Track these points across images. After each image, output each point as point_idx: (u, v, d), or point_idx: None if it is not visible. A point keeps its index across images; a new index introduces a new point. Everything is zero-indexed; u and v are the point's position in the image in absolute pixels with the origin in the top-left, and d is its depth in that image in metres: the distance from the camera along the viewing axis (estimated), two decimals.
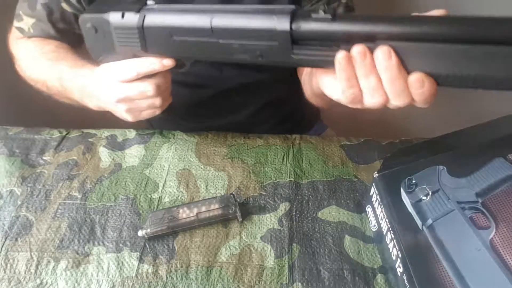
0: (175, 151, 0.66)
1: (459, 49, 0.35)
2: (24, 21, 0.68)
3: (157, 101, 0.56)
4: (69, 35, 0.70)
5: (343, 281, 0.50)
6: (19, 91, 0.81)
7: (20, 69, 0.69)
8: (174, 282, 0.50)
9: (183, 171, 0.63)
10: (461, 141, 0.54)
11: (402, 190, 0.48)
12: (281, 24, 0.41)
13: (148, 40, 0.49)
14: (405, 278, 0.44)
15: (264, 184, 0.61)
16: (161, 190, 0.60)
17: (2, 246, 0.53)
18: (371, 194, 0.53)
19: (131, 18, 0.49)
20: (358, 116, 0.74)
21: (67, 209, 0.57)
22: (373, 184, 0.51)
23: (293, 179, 0.61)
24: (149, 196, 0.59)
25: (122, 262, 0.51)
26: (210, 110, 0.81)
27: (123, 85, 0.55)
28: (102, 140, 0.68)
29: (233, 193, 0.59)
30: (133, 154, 0.66)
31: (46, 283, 0.49)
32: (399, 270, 0.45)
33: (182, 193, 0.60)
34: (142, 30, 0.48)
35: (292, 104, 0.86)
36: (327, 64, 0.42)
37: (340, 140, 0.68)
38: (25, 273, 0.50)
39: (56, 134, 0.69)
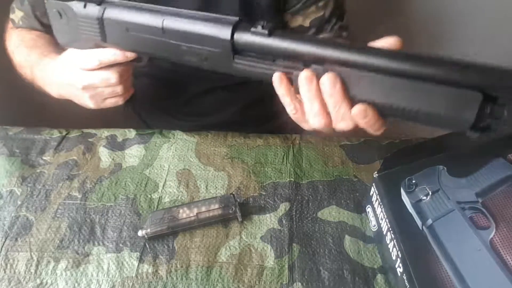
0: (175, 151, 0.66)
1: (404, 84, 0.37)
2: (16, 14, 0.73)
3: (119, 89, 0.58)
4: None
5: (343, 281, 0.50)
6: (19, 91, 0.81)
7: (11, 56, 0.72)
8: (174, 282, 0.50)
9: (183, 171, 0.63)
10: (461, 141, 0.54)
11: (402, 190, 0.48)
12: (223, 32, 0.44)
13: (107, 32, 0.52)
14: (405, 278, 0.44)
15: (264, 184, 0.61)
16: (161, 190, 0.60)
17: (2, 246, 0.53)
18: (371, 194, 0.53)
19: (92, 9, 0.51)
20: None
21: (67, 209, 0.57)
22: (373, 184, 0.51)
23: (293, 179, 0.61)
24: (149, 196, 0.59)
25: (122, 262, 0.51)
26: (196, 108, 0.81)
27: (87, 72, 0.56)
28: (102, 140, 0.68)
29: (233, 193, 0.59)
30: (133, 154, 0.66)
31: (46, 283, 0.49)
32: (399, 270, 0.45)
33: (182, 193, 0.60)
34: (102, 22, 0.51)
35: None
36: (266, 77, 0.44)
37: (340, 140, 0.68)
38: (25, 273, 0.50)
39: (56, 134, 0.69)
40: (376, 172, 0.51)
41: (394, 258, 0.46)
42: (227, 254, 0.52)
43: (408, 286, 0.43)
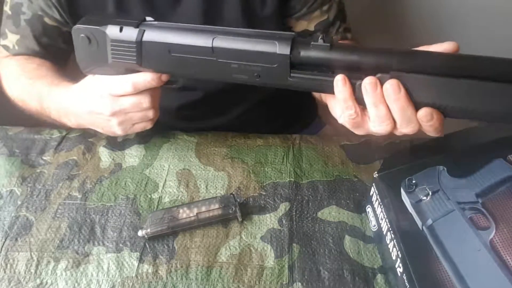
0: (175, 151, 0.66)
1: (465, 84, 0.38)
2: (9, 39, 0.69)
3: (151, 113, 0.57)
4: (53, 50, 0.70)
5: (343, 281, 0.50)
6: None
7: (5, 89, 0.69)
8: (174, 282, 0.50)
9: (183, 171, 0.63)
10: (461, 142, 0.54)
11: (402, 190, 0.48)
12: (282, 48, 0.43)
13: (144, 55, 0.50)
14: (405, 278, 0.44)
15: (264, 184, 0.61)
16: (161, 190, 0.60)
17: (2, 246, 0.53)
18: (371, 194, 0.53)
19: (130, 32, 0.49)
20: None
21: (67, 209, 0.57)
22: (373, 184, 0.51)
23: (293, 179, 0.61)
24: (149, 196, 0.59)
25: (122, 262, 0.51)
26: (200, 111, 0.81)
27: (117, 98, 0.54)
28: (102, 140, 0.68)
29: (233, 193, 0.59)
30: (133, 154, 0.66)
31: (46, 283, 0.49)
32: (399, 270, 0.45)
33: (182, 193, 0.60)
34: (140, 45, 0.49)
35: (285, 102, 0.86)
36: (321, 88, 0.45)
37: (340, 140, 0.68)
38: (25, 273, 0.50)
39: (56, 134, 0.69)
40: (376, 172, 0.51)
41: (394, 258, 0.46)
42: (227, 254, 0.52)
43: (408, 286, 0.43)
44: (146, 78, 0.52)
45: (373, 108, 0.42)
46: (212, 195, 0.59)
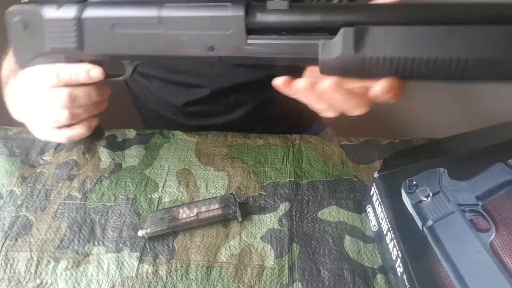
0: (175, 151, 0.66)
1: (440, 30, 0.35)
2: None
3: (63, 115, 0.47)
4: None
5: (343, 281, 0.50)
6: None
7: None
8: (174, 282, 0.50)
9: (183, 171, 0.63)
10: (461, 145, 0.54)
11: (402, 191, 0.48)
12: (236, 11, 0.40)
13: (86, 36, 0.44)
14: (405, 278, 0.44)
15: (264, 184, 0.61)
16: (161, 190, 0.60)
17: (2, 246, 0.53)
18: (371, 194, 0.53)
19: (68, 9, 0.44)
20: (358, 116, 0.74)
21: (67, 209, 0.57)
22: (374, 184, 0.51)
23: (293, 179, 0.61)
24: (149, 196, 0.59)
25: (122, 262, 0.51)
26: (206, 109, 0.80)
27: (39, 92, 0.47)
28: (102, 140, 0.68)
29: (233, 193, 0.59)
30: (133, 154, 0.66)
31: (46, 283, 0.50)
32: (399, 270, 0.45)
33: (182, 193, 0.60)
34: (79, 23, 0.44)
35: (289, 102, 0.86)
36: (280, 61, 0.41)
37: (340, 140, 0.68)
38: (25, 273, 0.50)
39: None
40: (376, 172, 0.51)
41: (394, 258, 0.47)
42: (227, 254, 0.52)
43: (408, 286, 0.44)
44: (71, 68, 0.46)
45: (314, 104, 0.42)
46: (212, 195, 0.59)
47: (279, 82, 0.41)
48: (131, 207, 0.58)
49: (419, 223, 0.46)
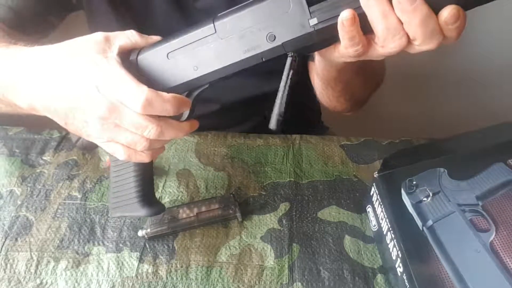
0: (175, 151, 0.66)
1: None
2: None
3: (140, 144, 0.41)
4: (26, 17, 0.58)
5: (343, 281, 0.50)
6: None
7: None
8: (174, 282, 0.50)
9: (183, 171, 0.63)
10: (461, 145, 0.54)
11: (402, 191, 0.48)
12: None
13: (143, 74, 0.43)
14: (405, 278, 0.44)
15: (264, 184, 0.61)
16: (161, 190, 0.60)
17: (2, 246, 0.53)
18: (371, 194, 0.53)
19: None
20: (358, 116, 0.74)
21: (67, 209, 0.57)
22: (374, 184, 0.51)
23: (293, 179, 0.61)
24: None
25: (122, 262, 0.51)
26: (215, 123, 0.77)
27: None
28: None
29: (233, 193, 0.59)
30: None
31: (46, 283, 0.49)
32: (399, 270, 0.45)
33: (182, 193, 0.60)
34: (136, 66, 0.43)
35: (296, 109, 0.85)
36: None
37: (340, 140, 0.68)
38: (25, 273, 0.50)
39: (56, 134, 0.69)
40: (376, 172, 0.51)
41: (394, 258, 0.47)
42: (227, 254, 0.52)
43: (408, 286, 0.44)
44: (164, 98, 0.39)
45: (382, 22, 0.34)
46: (212, 195, 0.59)
47: (346, 15, 0.35)
48: None
49: (419, 223, 0.46)
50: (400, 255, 0.45)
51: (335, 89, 0.59)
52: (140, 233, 0.53)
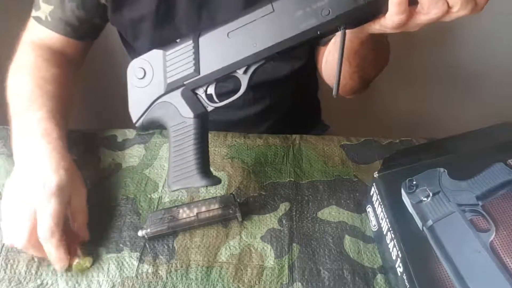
0: None
1: None
2: (42, 9, 0.66)
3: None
4: (86, 27, 0.69)
5: (343, 281, 0.50)
6: None
7: (10, 69, 0.67)
8: (174, 282, 0.50)
9: None
10: (461, 145, 0.54)
11: (402, 191, 0.48)
12: None
13: (202, 56, 0.48)
14: (405, 278, 0.44)
15: (264, 184, 0.61)
16: (161, 190, 0.60)
17: (3, 247, 0.53)
18: (371, 194, 0.53)
19: (187, 38, 0.49)
20: (358, 116, 0.74)
21: None
22: (374, 184, 0.51)
23: (293, 179, 0.61)
24: (149, 196, 0.59)
25: (122, 262, 0.51)
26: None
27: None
28: (102, 140, 0.68)
29: (233, 193, 0.59)
30: (133, 154, 0.66)
31: (47, 283, 0.50)
32: (399, 270, 0.45)
33: (182, 193, 0.60)
34: (197, 44, 0.48)
35: (292, 107, 0.86)
36: None
37: (340, 140, 0.68)
38: (25, 273, 0.50)
39: None
40: (376, 172, 0.51)
41: (394, 258, 0.47)
42: (227, 254, 0.52)
43: (408, 286, 0.44)
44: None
45: None
46: (212, 195, 0.59)
47: None
48: (131, 207, 0.58)
49: (419, 223, 0.46)
50: (400, 255, 0.45)
51: (352, 64, 0.60)
52: (140, 233, 0.53)
